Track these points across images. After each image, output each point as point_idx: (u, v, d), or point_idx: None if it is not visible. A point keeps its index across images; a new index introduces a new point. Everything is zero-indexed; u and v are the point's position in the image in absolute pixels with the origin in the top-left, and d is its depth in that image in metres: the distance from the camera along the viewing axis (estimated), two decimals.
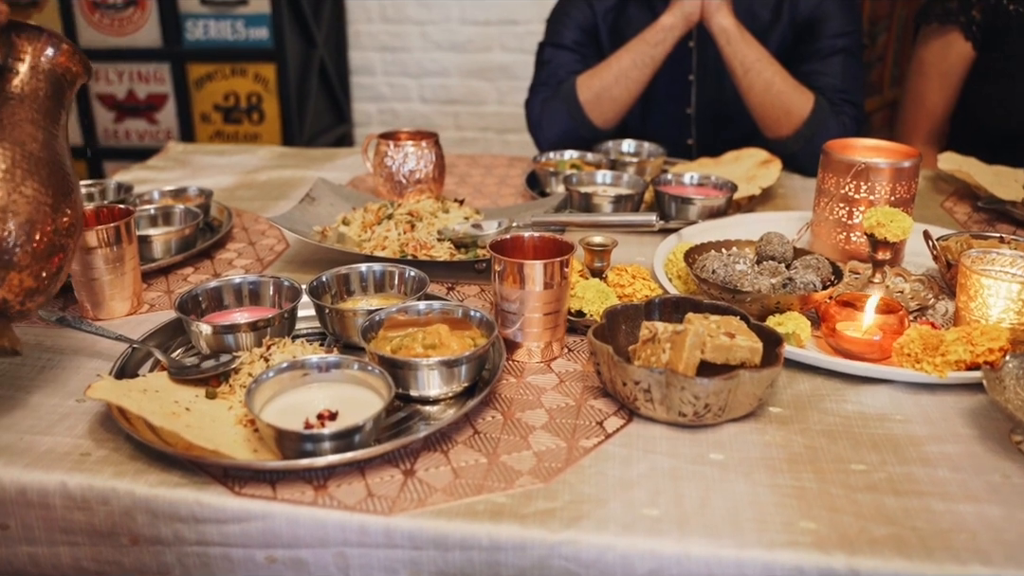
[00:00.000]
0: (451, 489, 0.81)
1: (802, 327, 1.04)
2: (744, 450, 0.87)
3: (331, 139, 3.44)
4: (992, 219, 1.60)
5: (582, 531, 0.76)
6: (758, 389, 0.89)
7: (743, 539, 0.75)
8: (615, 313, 1.01)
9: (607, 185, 1.56)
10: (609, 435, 0.90)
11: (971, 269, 1.06)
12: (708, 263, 1.13)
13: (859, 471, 0.84)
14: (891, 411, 0.95)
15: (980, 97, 2.03)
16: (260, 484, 0.82)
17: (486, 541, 0.76)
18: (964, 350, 0.98)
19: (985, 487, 0.82)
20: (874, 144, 1.36)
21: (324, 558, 0.80)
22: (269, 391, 0.90)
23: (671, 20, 1.75)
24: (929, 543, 0.74)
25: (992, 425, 0.92)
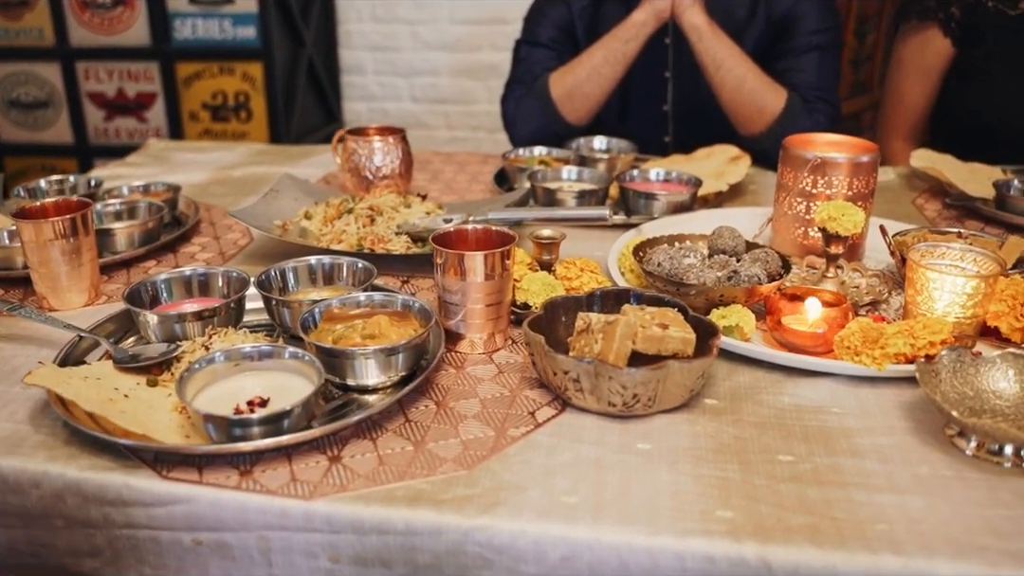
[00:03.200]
0: (373, 475, 0.81)
1: (746, 320, 1.04)
2: (672, 440, 0.87)
3: (320, 138, 3.45)
4: (961, 216, 1.60)
5: (496, 517, 0.76)
6: (688, 380, 0.89)
7: (657, 527, 0.75)
8: (555, 305, 1.01)
9: (571, 181, 1.56)
10: (539, 424, 0.90)
11: (918, 263, 1.06)
12: (655, 256, 1.13)
13: (785, 462, 0.84)
14: (829, 404, 0.95)
15: (959, 94, 2.02)
16: (188, 469, 0.83)
17: (401, 526, 0.76)
18: (904, 343, 0.98)
19: (910, 479, 0.82)
20: (834, 139, 1.36)
21: (247, 541, 0.80)
22: (203, 379, 0.91)
23: (642, 16, 1.75)
24: (844, 533, 0.74)
25: (928, 418, 0.92)
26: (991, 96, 1.96)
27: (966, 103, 2.02)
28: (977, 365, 0.94)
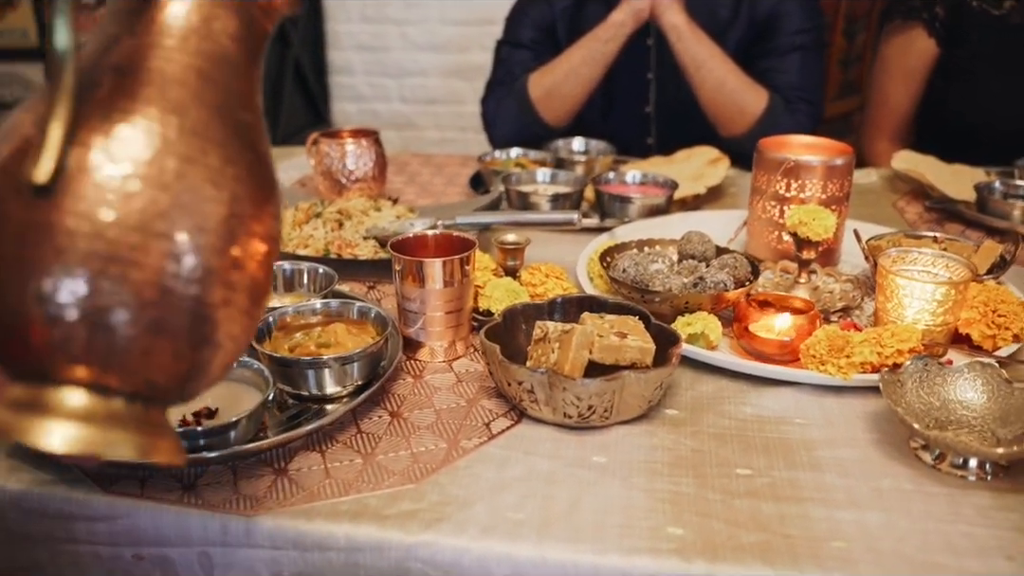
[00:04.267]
0: (319, 489, 0.79)
1: (711, 327, 1.02)
2: (628, 453, 0.85)
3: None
4: (942, 218, 1.58)
5: (440, 534, 0.74)
6: (646, 391, 0.87)
7: (604, 544, 0.73)
8: (515, 312, 0.99)
9: (546, 184, 1.54)
10: (493, 436, 0.88)
11: (888, 269, 1.04)
12: (621, 262, 1.11)
13: (743, 476, 0.82)
14: (792, 414, 0.93)
15: (944, 94, 2.00)
16: (130, 482, 0.81)
17: (344, 542, 0.74)
18: (871, 352, 0.96)
19: (871, 493, 0.80)
20: (809, 141, 1.34)
21: (189, 557, 0.78)
22: None
23: (621, 16, 1.73)
24: (797, 551, 0.72)
25: (893, 430, 0.90)
26: (975, 96, 1.94)
27: (951, 104, 2.00)
28: (944, 375, 0.92)
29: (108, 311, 0.48)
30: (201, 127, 0.51)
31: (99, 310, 0.47)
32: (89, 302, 0.47)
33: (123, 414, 0.50)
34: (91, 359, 0.48)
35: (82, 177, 0.47)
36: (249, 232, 0.52)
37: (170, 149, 0.49)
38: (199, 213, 0.49)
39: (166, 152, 0.49)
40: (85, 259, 0.47)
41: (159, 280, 0.48)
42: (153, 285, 0.48)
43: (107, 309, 0.47)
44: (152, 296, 0.48)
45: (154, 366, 0.50)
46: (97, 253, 0.47)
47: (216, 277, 0.50)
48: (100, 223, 0.47)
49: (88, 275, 0.47)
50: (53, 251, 0.47)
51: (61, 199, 0.47)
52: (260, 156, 0.54)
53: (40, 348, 0.48)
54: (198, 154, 0.50)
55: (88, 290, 0.47)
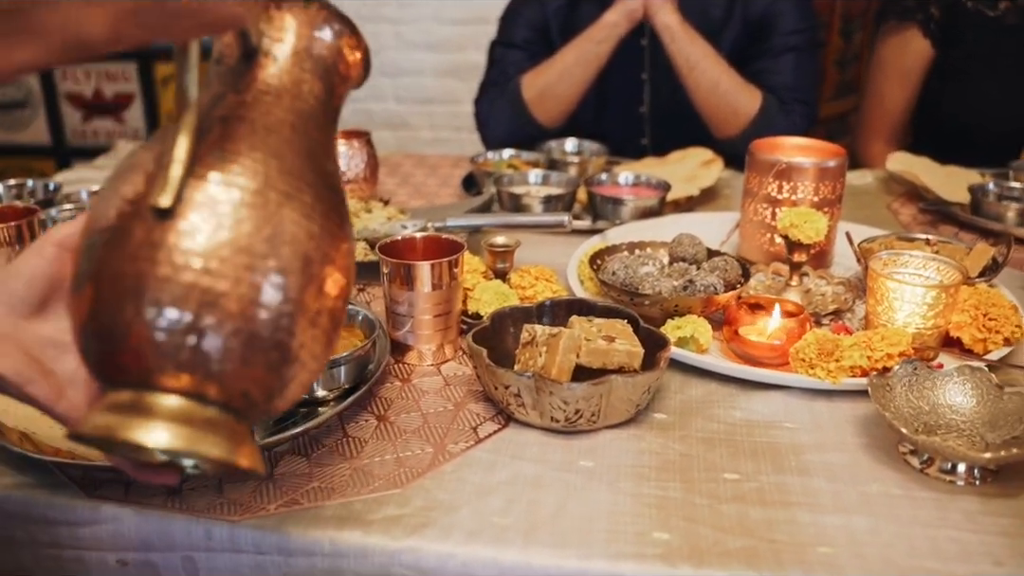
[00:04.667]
0: (305, 493, 0.79)
1: (701, 331, 1.01)
2: (616, 457, 0.85)
3: None
4: (936, 220, 1.57)
5: (425, 539, 0.73)
6: (634, 395, 0.87)
7: (590, 550, 0.72)
8: (503, 315, 0.99)
9: (538, 185, 1.54)
10: (480, 440, 0.87)
11: (878, 272, 1.03)
12: (611, 265, 1.11)
13: (730, 480, 0.82)
14: (781, 418, 0.92)
15: (939, 95, 2.00)
16: (115, 487, 0.80)
17: (328, 547, 0.74)
18: (861, 356, 0.96)
19: (858, 498, 0.80)
20: (802, 143, 1.33)
21: (173, 562, 0.78)
22: None
23: (614, 17, 1.72)
24: (783, 556, 0.72)
25: (882, 434, 0.90)
26: (970, 97, 1.94)
27: (946, 105, 1.99)
28: (933, 379, 0.92)
29: (212, 328, 0.52)
30: (296, 170, 0.57)
31: (204, 327, 0.52)
32: (195, 320, 0.52)
33: (216, 420, 0.54)
34: (193, 370, 0.53)
35: (196, 205, 0.53)
36: (333, 263, 0.58)
37: (271, 185, 0.55)
38: (296, 242, 0.55)
39: (268, 187, 0.55)
40: (196, 278, 0.52)
41: (259, 299, 0.53)
42: (254, 304, 0.53)
43: (211, 327, 0.52)
44: (251, 316, 0.53)
45: (248, 380, 0.55)
46: (208, 271, 0.52)
47: (306, 302, 0.56)
48: (211, 246, 0.52)
49: (198, 294, 0.52)
50: (169, 269, 0.52)
51: (178, 223, 0.52)
52: (340, 198, 0.61)
53: (148, 357, 0.53)
54: (295, 191, 0.56)
55: (196, 308, 0.52)
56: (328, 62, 0.64)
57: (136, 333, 0.52)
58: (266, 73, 0.61)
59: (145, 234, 0.52)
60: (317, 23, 0.64)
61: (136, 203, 0.54)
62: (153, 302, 0.52)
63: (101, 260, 0.54)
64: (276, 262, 0.54)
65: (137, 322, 0.52)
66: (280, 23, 0.63)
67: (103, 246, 0.54)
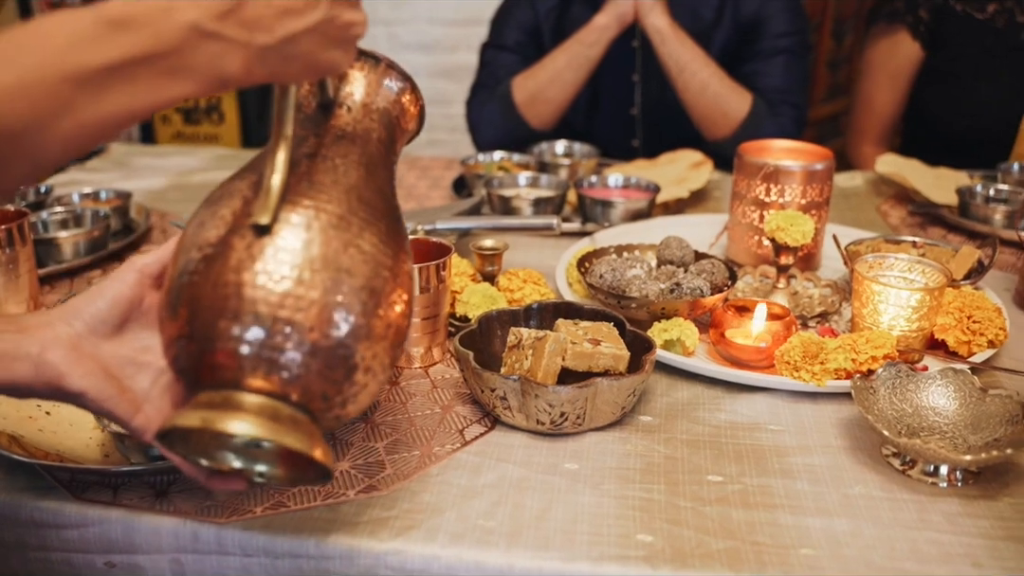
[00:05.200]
0: (291, 496, 0.79)
1: (688, 333, 1.02)
2: (601, 460, 0.86)
3: None
4: (925, 222, 1.58)
5: (410, 541, 0.74)
6: (619, 398, 0.87)
7: (572, 552, 0.73)
8: (490, 319, 0.99)
9: (528, 188, 1.54)
10: (467, 443, 0.88)
11: (863, 275, 1.04)
12: (598, 268, 1.11)
13: (714, 483, 0.83)
14: (766, 421, 0.93)
15: (928, 98, 2.01)
16: (103, 489, 0.81)
17: (314, 550, 0.75)
18: (845, 358, 0.96)
19: (840, 501, 0.80)
20: (790, 146, 1.34)
21: (160, 564, 0.78)
22: None
23: (605, 20, 1.73)
24: (764, 558, 0.73)
25: (866, 436, 0.90)
26: (959, 100, 1.95)
27: (935, 107, 2.00)
28: (916, 381, 0.93)
29: (299, 335, 0.59)
30: (371, 201, 0.65)
31: (292, 334, 0.59)
32: (285, 326, 0.59)
33: (297, 418, 0.60)
34: (278, 375, 0.59)
35: (291, 225, 0.60)
36: (400, 283, 0.65)
37: (353, 211, 0.63)
38: (374, 263, 0.63)
39: (351, 213, 0.63)
40: (290, 287, 0.59)
41: (343, 310, 0.60)
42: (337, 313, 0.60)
43: (298, 333, 0.59)
44: (335, 324, 0.60)
45: (327, 385, 0.61)
46: (301, 282, 0.59)
47: (379, 316, 0.63)
48: (302, 261, 0.60)
49: (291, 301, 0.59)
50: (265, 278, 0.59)
51: (275, 239, 0.60)
52: (403, 229, 0.69)
53: (238, 362, 0.59)
54: (372, 219, 0.64)
55: (288, 315, 0.59)
56: (392, 114, 0.73)
57: (230, 338, 0.58)
58: (341, 121, 0.70)
59: (245, 248, 0.59)
60: (383, 79, 0.73)
61: (235, 223, 0.61)
62: (249, 310, 0.58)
63: (200, 272, 0.60)
64: (358, 280, 0.61)
65: (232, 328, 0.58)
66: (352, 78, 0.72)
67: (203, 260, 0.60)
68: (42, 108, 0.48)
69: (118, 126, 0.52)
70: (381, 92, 0.73)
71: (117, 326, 0.69)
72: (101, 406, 0.66)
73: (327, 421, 0.64)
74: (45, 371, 0.64)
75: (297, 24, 0.56)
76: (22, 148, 0.48)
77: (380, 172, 0.69)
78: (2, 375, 0.65)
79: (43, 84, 0.48)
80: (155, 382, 0.69)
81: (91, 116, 0.50)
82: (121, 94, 0.50)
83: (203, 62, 0.53)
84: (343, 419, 0.65)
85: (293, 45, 0.57)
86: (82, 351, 0.66)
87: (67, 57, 0.48)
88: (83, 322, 0.67)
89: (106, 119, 0.51)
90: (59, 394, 0.66)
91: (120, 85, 0.50)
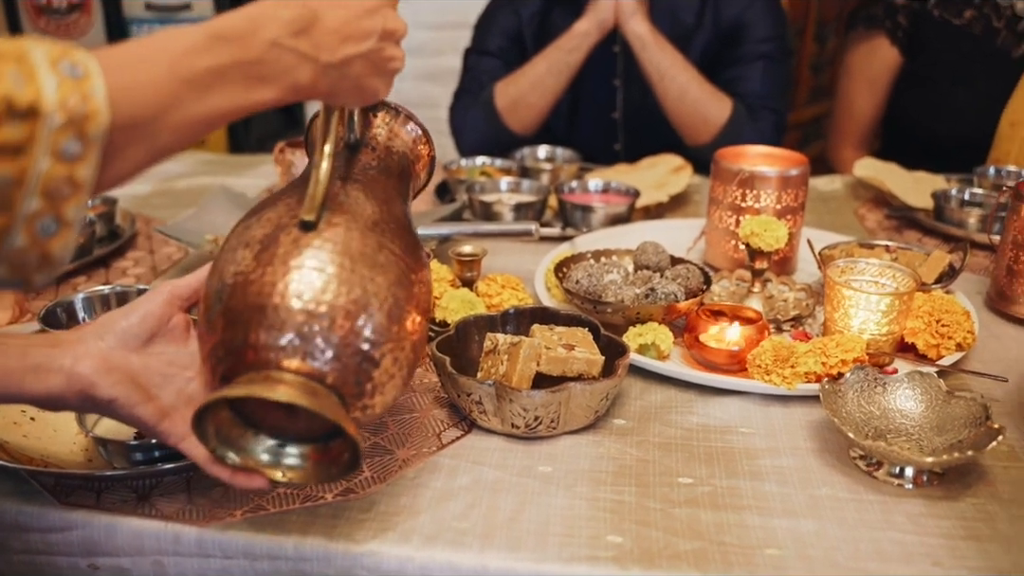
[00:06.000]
0: (270, 499, 0.81)
1: (662, 338, 1.04)
2: (574, 462, 0.87)
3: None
4: (901, 226, 1.61)
5: (386, 543, 0.76)
6: (592, 402, 0.89)
7: (544, 553, 0.75)
8: (468, 324, 1.01)
9: (509, 193, 1.56)
10: (443, 446, 0.90)
11: (834, 280, 1.06)
12: (575, 273, 1.13)
13: (684, 485, 0.84)
14: (737, 423, 0.95)
15: (907, 102, 2.04)
16: (86, 493, 0.82)
17: (292, 551, 0.76)
18: (815, 362, 0.98)
19: (807, 502, 0.82)
20: (766, 152, 1.37)
21: (142, 566, 0.80)
22: None
23: (585, 26, 1.75)
24: (731, 558, 0.75)
25: (835, 439, 0.92)
26: (937, 104, 1.97)
27: (913, 111, 2.03)
28: (884, 384, 0.95)
29: (331, 326, 0.66)
30: (396, 219, 0.75)
31: (326, 325, 0.66)
32: (325, 311, 0.65)
33: (328, 395, 0.66)
34: (314, 360, 0.66)
35: (332, 224, 0.69)
36: (413, 298, 0.72)
37: (384, 220, 0.73)
38: (393, 272, 0.70)
39: (383, 221, 0.72)
40: (335, 272, 0.67)
41: (377, 296, 0.68)
42: (372, 301, 0.68)
43: (331, 324, 0.66)
44: (369, 311, 0.67)
45: (358, 372, 0.67)
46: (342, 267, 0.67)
47: (404, 312, 0.70)
48: (343, 254, 0.68)
49: (334, 286, 0.66)
50: (314, 262, 0.67)
51: (321, 234, 0.68)
52: (421, 254, 0.77)
53: (278, 348, 0.65)
54: (392, 237, 0.72)
55: (332, 299, 0.66)
56: (408, 158, 0.84)
57: (270, 327, 0.65)
58: (367, 158, 0.80)
59: (290, 245, 0.67)
60: (403, 126, 0.83)
61: (283, 221, 0.69)
62: (296, 292, 0.65)
63: (242, 274, 0.67)
64: (387, 279, 0.69)
65: (275, 307, 0.65)
66: (377, 123, 0.82)
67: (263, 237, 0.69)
68: (158, 102, 0.56)
69: (216, 121, 0.60)
70: (400, 137, 0.83)
71: (146, 340, 0.75)
72: (130, 412, 0.71)
73: (356, 411, 0.69)
74: (77, 382, 0.69)
75: (353, 49, 0.67)
76: (139, 136, 0.56)
77: (398, 203, 0.78)
78: (37, 387, 0.69)
79: (160, 82, 0.56)
80: (180, 392, 0.75)
81: (196, 111, 0.58)
82: (219, 94, 0.59)
83: (280, 71, 0.62)
84: (370, 411, 0.70)
85: (348, 67, 0.67)
86: (112, 362, 0.71)
87: (181, 60, 0.57)
88: (114, 335, 0.73)
89: (208, 114, 0.59)
90: (90, 403, 0.71)
91: (219, 86, 0.59)
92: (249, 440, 0.71)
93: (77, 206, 0.53)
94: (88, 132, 0.52)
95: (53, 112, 0.50)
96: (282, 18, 0.62)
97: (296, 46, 0.63)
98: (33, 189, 0.51)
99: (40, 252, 0.53)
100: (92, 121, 0.52)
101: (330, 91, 0.68)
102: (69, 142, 0.51)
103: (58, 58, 0.51)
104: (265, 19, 0.62)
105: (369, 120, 0.82)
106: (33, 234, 0.52)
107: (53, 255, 0.54)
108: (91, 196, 0.55)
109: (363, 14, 0.68)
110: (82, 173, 0.53)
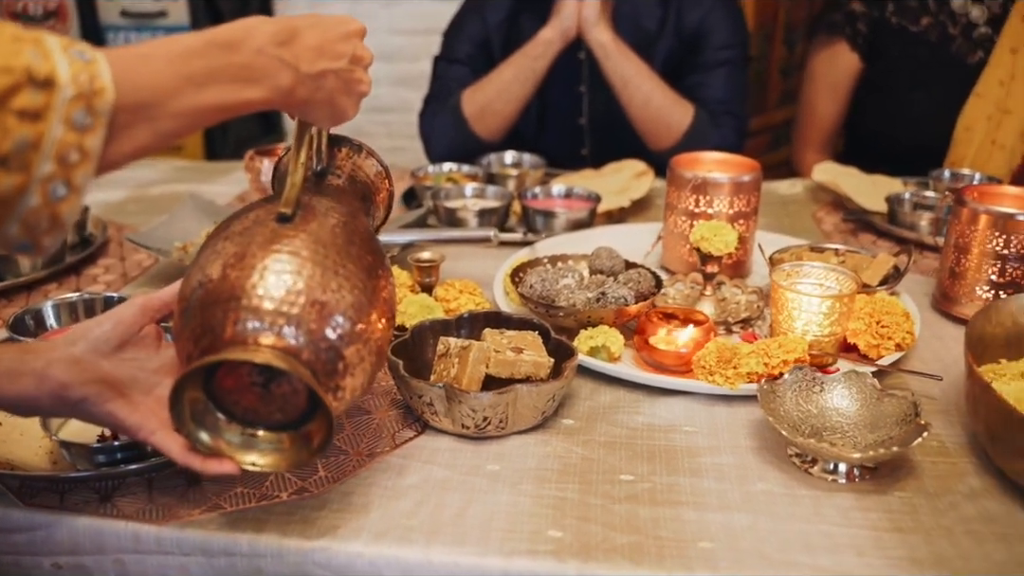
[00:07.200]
0: (228, 498, 0.84)
1: (612, 340, 1.08)
2: (521, 461, 0.91)
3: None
4: (857, 229, 1.65)
5: (336, 539, 0.79)
6: (539, 403, 0.93)
7: (486, 547, 0.78)
8: (423, 328, 1.05)
9: (474, 199, 1.60)
10: (397, 446, 0.93)
11: (778, 283, 1.10)
12: (529, 278, 1.17)
13: (626, 482, 0.88)
14: (682, 422, 0.99)
15: (867, 108, 2.08)
16: (51, 494, 0.86)
17: (247, 548, 0.80)
18: (757, 362, 1.02)
19: (742, 497, 0.86)
20: (719, 158, 1.40)
21: (104, 564, 0.83)
22: None
23: (550, 34, 1.78)
24: (665, 551, 0.78)
25: (773, 437, 0.96)
26: (896, 110, 2.02)
27: (873, 116, 2.08)
28: (822, 384, 0.99)
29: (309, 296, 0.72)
30: (359, 228, 0.81)
31: (307, 295, 0.72)
32: (300, 288, 0.72)
33: (303, 367, 0.71)
34: (289, 338, 0.71)
35: (306, 219, 0.77)
36: (380, 289, 0.79)
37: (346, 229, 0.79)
38: (362, 263, 0.77)
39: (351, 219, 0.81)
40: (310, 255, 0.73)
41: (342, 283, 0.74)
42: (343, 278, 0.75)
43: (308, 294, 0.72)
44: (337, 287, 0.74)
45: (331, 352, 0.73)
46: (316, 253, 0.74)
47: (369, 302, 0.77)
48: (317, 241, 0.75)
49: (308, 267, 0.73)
50: (291, 246, 0.73)
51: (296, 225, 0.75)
52: (384, 258, 0.83)
53: (260, 319, 0.71)
54: (359, 239, 0.80)
55: (306, 280, 0.72)
56: (370, 188, 0.92)
57: (250, 296, 0.71)
58: (334, 183, 0.89)
59: (270, 233, 0.74)
60: (365, 159, 0.93)
61: (262, 218, 0.77)
62: (273, 275, 0.71)
63: (243, 244, 0.74)
64: (354, 265, 0.76)
65: (248, 289, 0.71)
66: (341, 156, 0.91)
67: (242, 230, 0.75)
68: (158, 90, 0.63)
69: (212, 114, 0.67)
70: (364, 169, 0.92)
71: (116, 347, 0.80)
72: (102, 408, 0.75)
73: (329, 391, 0.74)
74: (48, 383, 0.74)
75: (328, 64, 0.75)
76: (142, 118, 0.62)
77: (362, 217, 0.86)
78: (10, 389, 0.74)
79: (160, 74, 0.63)
80: (150, 392, 0.80)
81: (193, 103, 0.65)
82: (213, 90, 0.66)
83: (265, 74, 0.70)
84: (342, 394, 0.75)
85: (323, 79, 0.75)
86: (83, 365, 0.76)
87: (179, 59, 0.64)
88: (86, 341, 0.78)
89: (204, 107, 0.66)
90: (62, 404, 0.75)
91: (213, 84, 0.66)
92: (222, 427, 0.75)
93: (85, 173, 0.59)
94: (96, 106, 0.58)
95: (67, 85, 0.56)
96: (268, 31, 0.70)
97: (279, 54, 0.71)
98: (48, 153, 0.57)
99: (51, 213, 0.59)
100: (100, 97, 0.58)
101: (307, 100, 0.75)
102: (80, 113, 0.57)
103: (68, 45, 0.58)
104: (253, 30, 0.70)
105: (334, 152, 0.91)
106: (46, 195, 0.58)
107: (62, 217, 0.60)
108: (97, 170, 0.60)
109: (337, 38, 0.77)
110: (90, 143, 0.58)
